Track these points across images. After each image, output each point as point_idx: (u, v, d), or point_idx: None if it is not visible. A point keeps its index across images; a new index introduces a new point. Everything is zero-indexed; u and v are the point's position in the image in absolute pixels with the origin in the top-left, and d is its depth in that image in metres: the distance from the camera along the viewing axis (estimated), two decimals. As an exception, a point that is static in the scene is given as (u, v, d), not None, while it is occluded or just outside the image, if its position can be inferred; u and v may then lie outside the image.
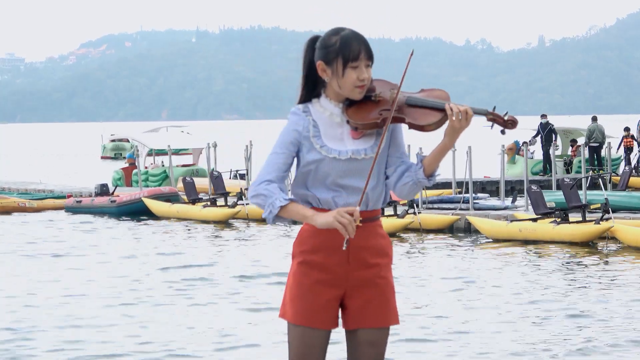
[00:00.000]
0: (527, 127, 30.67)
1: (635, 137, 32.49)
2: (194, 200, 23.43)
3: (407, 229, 19.80)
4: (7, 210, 25.24)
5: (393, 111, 3.91)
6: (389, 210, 20.60)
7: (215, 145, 27.52)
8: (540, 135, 30.88)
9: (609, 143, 30.42)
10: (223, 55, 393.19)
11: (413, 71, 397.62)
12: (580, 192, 20.42)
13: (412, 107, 3.95)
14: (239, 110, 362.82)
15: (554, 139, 30.30)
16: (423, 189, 21.52)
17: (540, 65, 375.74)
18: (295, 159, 4.08)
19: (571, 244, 17.17)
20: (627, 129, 32.46)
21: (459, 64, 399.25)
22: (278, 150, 4.03)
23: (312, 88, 4.09)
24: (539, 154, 32.81)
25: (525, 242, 17.68)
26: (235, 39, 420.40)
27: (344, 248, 3.92)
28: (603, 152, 31.00)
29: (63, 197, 27.41)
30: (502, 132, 3.96)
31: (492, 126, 3.90)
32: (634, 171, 27.19)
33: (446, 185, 26.79)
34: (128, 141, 53.27)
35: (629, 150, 32.29)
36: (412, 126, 3.97)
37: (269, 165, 4.02)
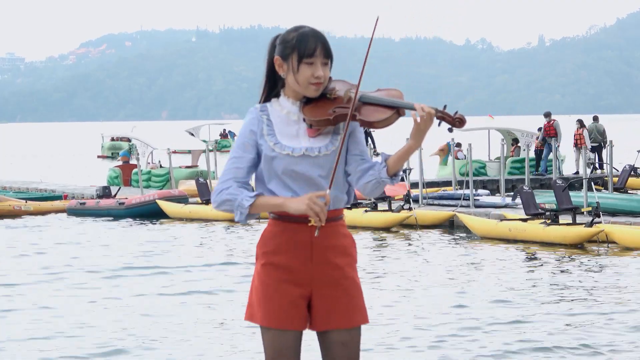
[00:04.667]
0: (475, 128, 29.33)
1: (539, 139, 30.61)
2: (207, 201, 23.54)
3: (403, 225, 19.79)
4: (1, 215, 24.16)
5: (352, 109, 3.94)
6: (383, 206, 20.66)
7: (215, 148, 27.47)
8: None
9: (611, 142, 29.80)
10: (223, 55, 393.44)
11: (413, 71, 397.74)
12: (580, 193, 20.32)
13: (365, 105, 4.00)
14: (239, 110, 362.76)
15: (370, 143, 29.72)
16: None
17: (540, 65, 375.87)
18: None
19: (561, 245, 16.98)
20: (540, 130, 31.01)
21: (459, 64, 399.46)
22: (235, 155, 4.04)
23: (273, 87, 4.10)
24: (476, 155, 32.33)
25: (515, 242, 17.54)
26: (235, 39, 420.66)
27: (316, 234, 3.91)
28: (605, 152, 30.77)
29: (59, 198, 26.87)
30: (450, 129, 4.03)
31: (439, 123, 3.95)
32: (634, 171, 26.06)
33: (447, 183, 26.82)
34: (129, 140, 52.89)
35: (540, 152, 30.68)
36: (362, 123, 3.99)
37: (226, 172, 4.02)
